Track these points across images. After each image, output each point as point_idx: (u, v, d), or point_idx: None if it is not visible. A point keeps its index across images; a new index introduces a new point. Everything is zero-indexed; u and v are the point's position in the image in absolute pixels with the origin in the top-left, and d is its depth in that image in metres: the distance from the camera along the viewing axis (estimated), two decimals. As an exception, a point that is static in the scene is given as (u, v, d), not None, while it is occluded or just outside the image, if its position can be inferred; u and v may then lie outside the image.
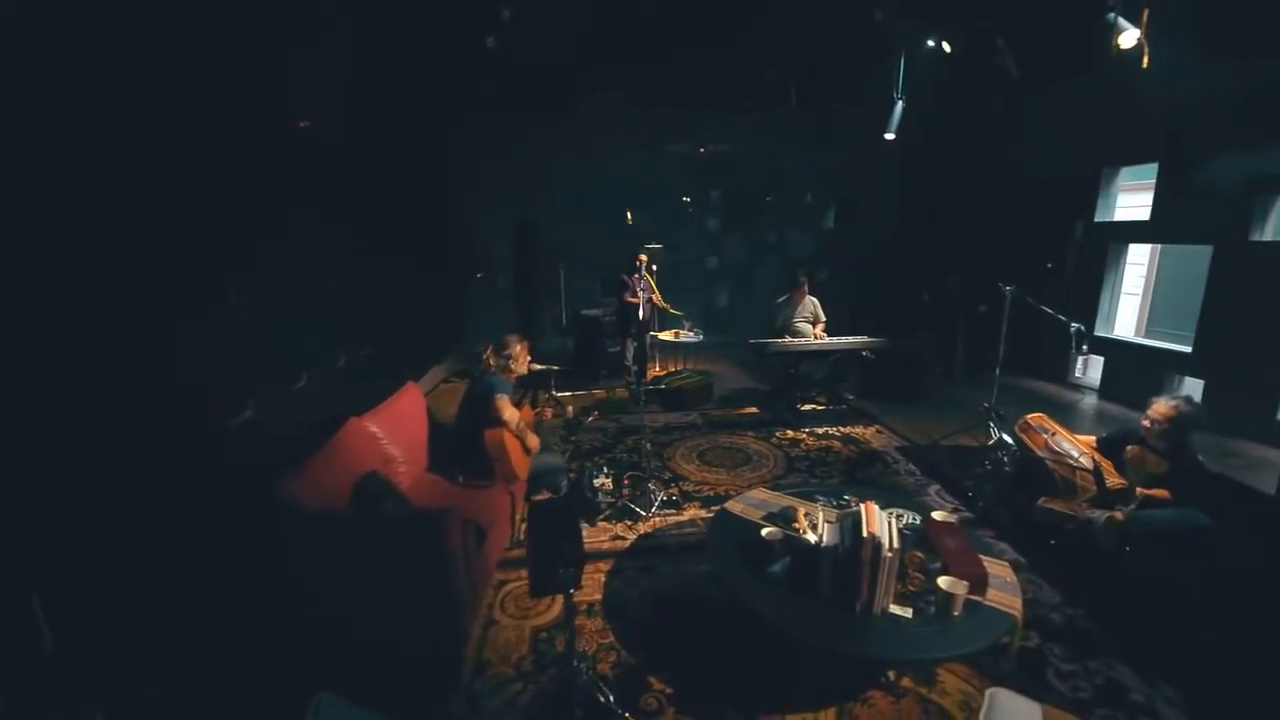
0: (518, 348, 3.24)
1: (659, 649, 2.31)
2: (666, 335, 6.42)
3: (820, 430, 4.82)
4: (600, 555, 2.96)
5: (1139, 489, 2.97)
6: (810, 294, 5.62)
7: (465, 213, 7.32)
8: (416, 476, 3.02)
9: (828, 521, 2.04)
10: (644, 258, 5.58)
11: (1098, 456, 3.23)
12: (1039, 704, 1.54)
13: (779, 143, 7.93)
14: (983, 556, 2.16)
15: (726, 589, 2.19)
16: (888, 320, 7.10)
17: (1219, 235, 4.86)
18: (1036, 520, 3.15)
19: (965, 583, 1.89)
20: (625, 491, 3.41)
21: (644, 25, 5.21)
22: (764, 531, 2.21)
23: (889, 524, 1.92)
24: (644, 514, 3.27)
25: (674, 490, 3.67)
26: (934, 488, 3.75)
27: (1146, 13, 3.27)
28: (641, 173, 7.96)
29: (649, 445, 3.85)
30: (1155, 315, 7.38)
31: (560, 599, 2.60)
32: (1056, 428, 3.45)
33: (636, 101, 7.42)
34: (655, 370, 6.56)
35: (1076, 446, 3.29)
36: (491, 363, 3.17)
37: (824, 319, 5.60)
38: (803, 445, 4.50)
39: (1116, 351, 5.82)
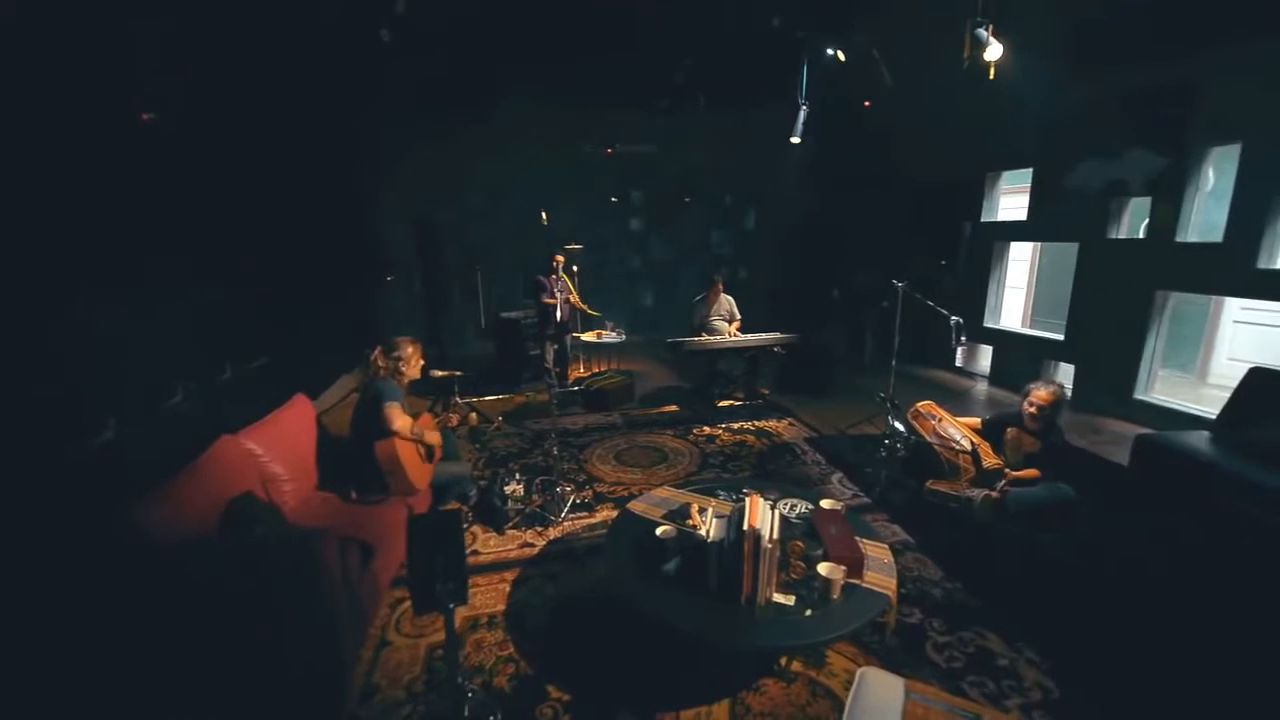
0: (409, 349, 3.09)
1: (559, 657, 2.27)
2: (589, 336, 6.37)
3: (736, 425, 4.94)
4: (507, 564, 2.89)
5: (1009, 471, 3.21)
6: (726, 293, 5.75)
7: (377, 214, 6.99)
8: (305, 495, 2.83)
9: (716, 517, 2.07)
10: (560, 259, 5.52)
11: (978, 439, 3.48)
12: (902, 679, 1.63)
13: (695, 144, 8.08)
14: (864, 540, 2.27)
15: (618, 591, 2.18)
16: (803, 317, 7.40)
17: (1083, 234, 5.37)
18: (925, 502, 3.36)
19: (843, 567, 1.98)
20: (536, 497, 3.34)
21: (549, 26, 5.16)
22: (658, 531, 2.22)
23: (771, 516, 1.97)
24: (554, 519, 3.21)
25: (588, 493, 3.65)
26: (837, 476, 3.92)
27: (991, 28, 3.55)
28: (562, 173, 7.89)
29: (556, 450, 3.80)
30: (1039, 307, 8.07)
31: (459, 613, 2.53)
32: (943, 414, 3.69)
33: (553, 101, 7.37)
34: (579, 372, 6.52)
35: (960, 430, 3.52)
36: (380, 365, 3.01)
37: (739, 317, 5.74)
38: (718, 441, 4.59)
39: (1003, 341, 6.33)
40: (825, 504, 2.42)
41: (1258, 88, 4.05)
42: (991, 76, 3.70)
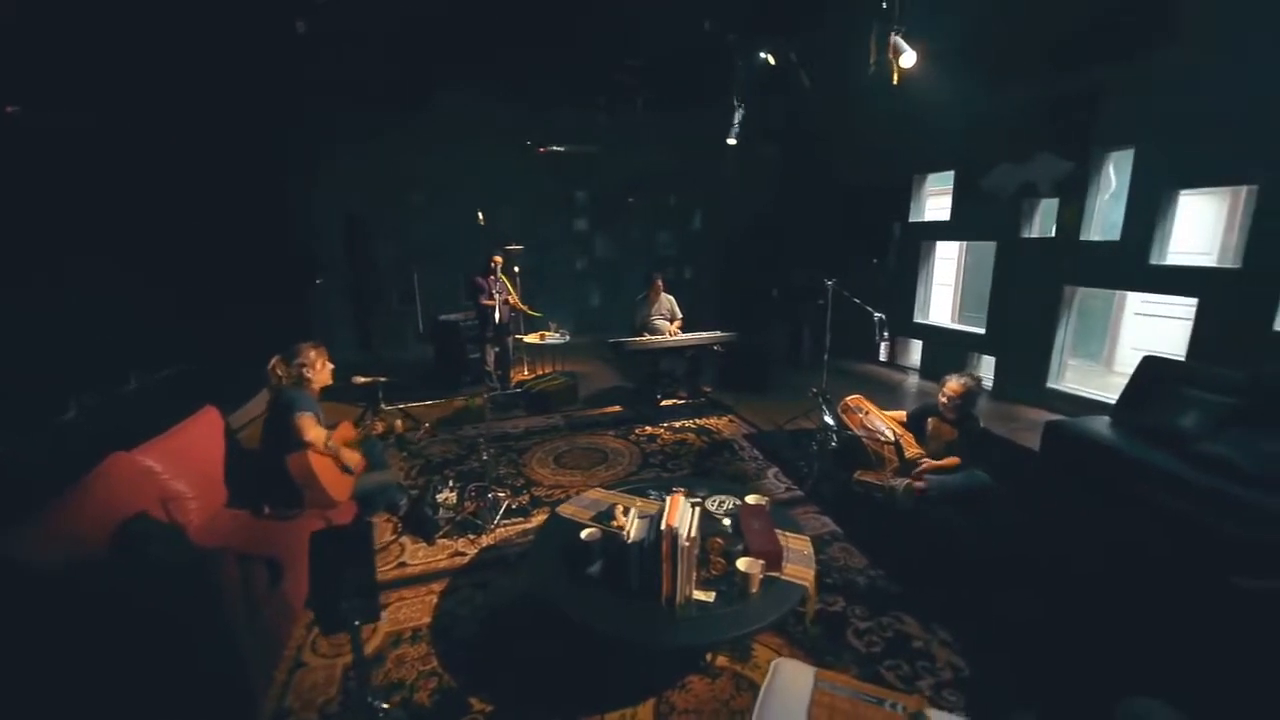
0: (312, 355, 2.95)
1: (485, 667, 2.22)
2: (532, 338, 6.29)
3: (678, 424, 4.97)
4: (436, 575, 2.81)
5: (925, 461, 3.36)
6: (667, 292, 5.79)
7: (309, 213, 6.68)
8: (212, 513, 2.67)
9: (640, 517, 2.07)
10: (499, 259, 5.41)
11: (901, 430, 3.62)
12: (813, 668, 1.67)
13: (638, 145, 8.11)
14: (786, 533, 2.32)
15: (543, 596, 2.15)
16: (746, 316, 7.54)
17: (1000, 233, 5.69)
18: (854, 492, 3.47)
19: (762, 561, 2.01)
20: (469, 504, 3.26)
21: (483, 21, 5.06)
22: (583, 533, 2.20)
23: (691, 514, 1.99)
24: (487, 526, 3.14)
25: (525, 497, 3.59)
26: (773, 471, 4.00)
27: (892, 35, 3.72)
28: (504, 172, 7.75)
29: (485, 455, 3.72)
30: (966, 303, 8.50)
31: (380, 628, 2.44)
32: (870, 407, 3.83)
33: (494, 99, 7.24)
34: (523, 374, 6.42)
35: (885, 422, 3.66)
36: (280, 373, 2.87)
37: (680, 316, 5.79)
38: (659, 440, 4.61)
39: (932, 336, 6.63)
40: (750, 499, 2.46)
41: (1147, 97, 4.39)
42: (896, 81, 3.86)
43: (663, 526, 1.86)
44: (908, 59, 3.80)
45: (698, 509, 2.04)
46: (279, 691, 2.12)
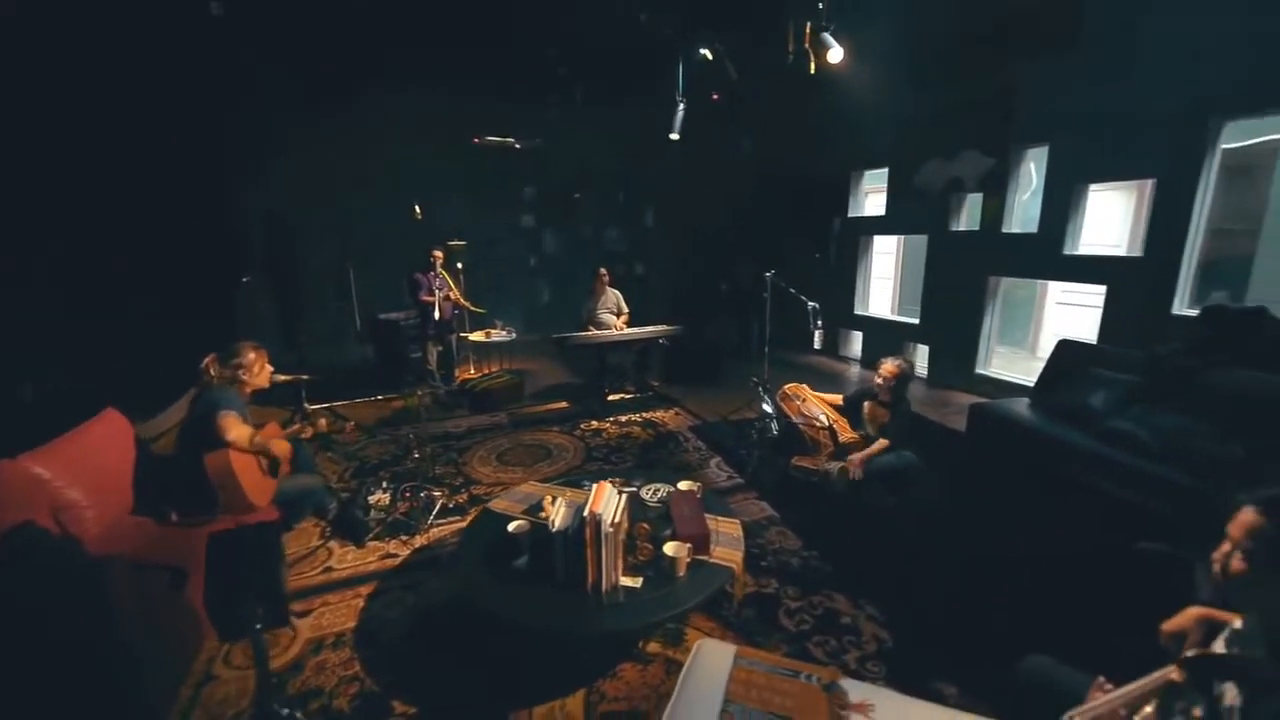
0: (251, 355, 2.82)
1: (411, 670, 2.15)
2: (477, 336, 6.16)
3: (624, 418, 4.96)
4: (364, 579, 2.70)
5: (857, 456, 3.45)
6: (613, 286, 5.77)
7: (236, 209, 6.33)
8: (113, 521, 2.48)
9: (566, 506, 2.04)
10: (439, 254, 5.28)
11: (835, 416, 3.72)
12: (734, 647, 1.68)
13: (583, 140, 8.05)
14: (717, 518, 2.34)
15: (469, 593, 2.09)
16: (696, 310, 7.61)
17: (930, 227, 5.92)
18: (792, 478, 3.55)
19: (689, 545, 2.02)
20: (402, 505, 3.16)
21: (418, 11, 4.92)
22: (510, 526, 2.16)
23: (617, 501, 1.97)
24: (421, 526, 3.05)
25: (463, 496, 3.50)
26: (715, 460, 4.04)
27: (809, 26, 3.83)
28: (446, 168, 7.55)
29: (416, 453, 3.61)
30: (905, 295, 8.83)
31: (301, 634, 2.33)
32: (807, 394, 3.91)
33: (432, 92, 7.05)
34: (468, 373, 6.27)
35: (821, 409, 3.76)
36: (213, 373, 2.72)
37: (627, 310, 5.79)
38: (605, 434, 4.59)
39: (872, 327, 6.86)
40: (682, 485, 2.47)
41: (1056, 97, 4.65)
42: (813, 71, 3.96)
43: (585, 514, 1.84)
44: (835, 55, 3.91)
45: (624, 495, 2.03)
46: (184, 707, 2.00)
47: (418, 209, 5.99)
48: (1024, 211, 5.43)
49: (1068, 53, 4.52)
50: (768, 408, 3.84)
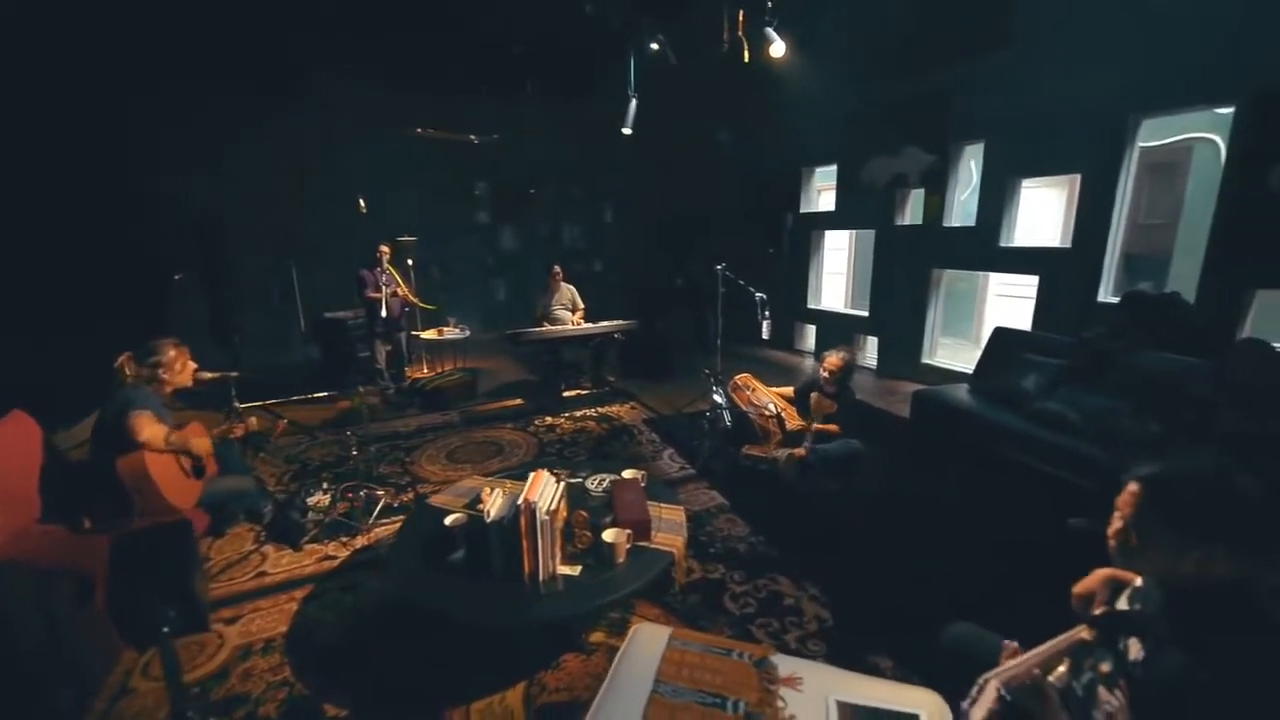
0: (171, 353, 2.68)
1: (344, 672, 2.07)
2: (429, 334, 6.02)
3: (579, 413, 4.93)
4: (299, 582, 2.60)
5: (815, 425, 3.53)
6: (567, 282, 5.73)
7: (169, 206, 5.99)
8: (20, 529, 2.31)
9: (504, 497, 2.00)
10: (386, 249, 5.12)
11: (784, 405, 3.78)
12: (670, 629, 1.68)
13: (537, 135, 7.97)
14: (660, 504, 2.34)
15: (404, 590, 2.03)
16: (655, 304, 7.62)
17: (877, 222, 6.09)
18: (743, 466, 3.58)
19: (628, 531, 2.01)
20: (342, 505, 3.05)
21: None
22: (447, 519, 2.10)
23: (555, 489, 1.95)
24: (362, 527, 2.95)
25: (409, 494, 3.41)
26: (668, 452, 4.05)
27: (742, 14, 3.88)
28: (395, 162, 7.34)
29: (355, 451, 3.49)
30: (857, 289, 9.07)
31: (229, 642, 2.22)
32: (756, 384, 3.97)
33: (378, 83, 6.86)
34: (422, 372, 6.12)
35: (770, 399, 3.81)
36: (129, 372, 2.58)
37: (582, 306, 5.75)
38: (559, 430, 4.54)
39: (825, 320, 7.00)
40: (626, 474, 2.46)
41: (991, 95, 4.84)
42: (746, 60, 4.01)
43: (520, 502, 1.80)
44: (777, 49, 3.97)
45: (562, 484, 2.00)
46: (95, 722, 1.88)
47: (362, 202, 5.81)
48: (962, 205, 5.64)
49: (1001, 53, 4.71)
50: (719, 398, 3.87)
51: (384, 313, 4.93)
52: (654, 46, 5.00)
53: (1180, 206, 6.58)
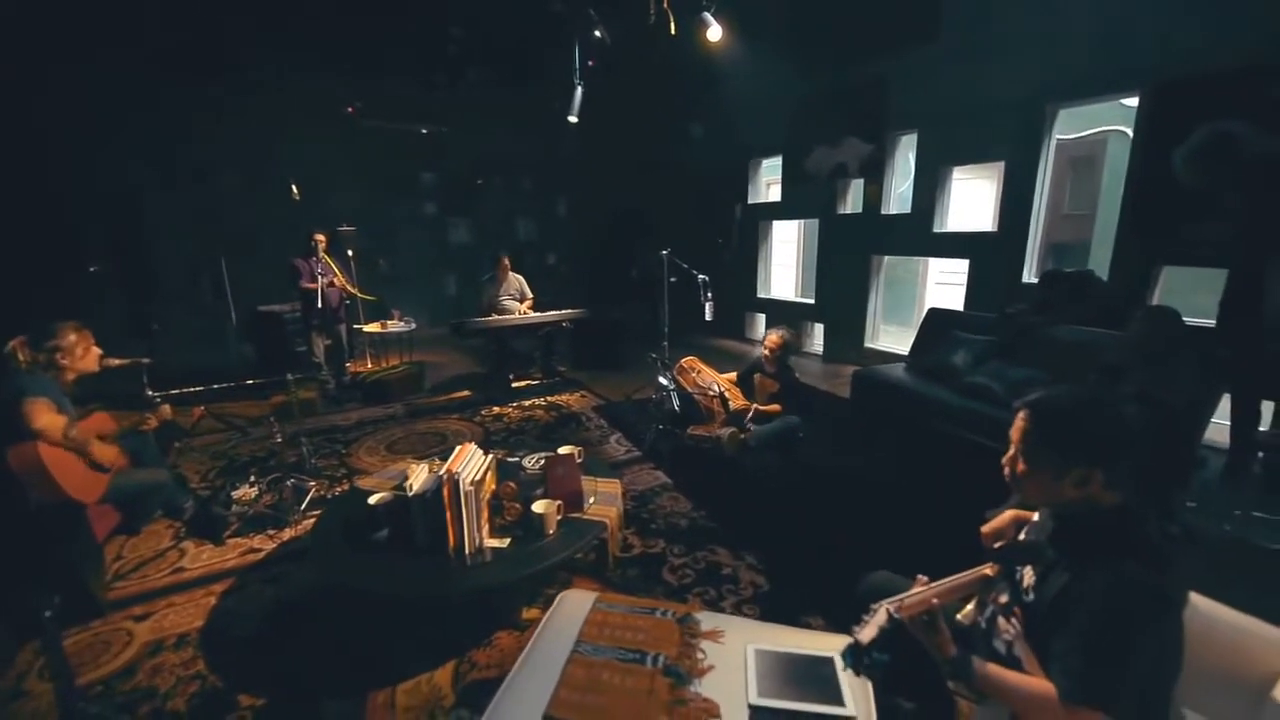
0: (71, 337, 2.50)
1: (263, 662, 1.98)
2: (372, 327, 5.82)
3: (528, 403, 4.87)
4: (219, 576, 2.46)
5: (757, 406, 3.59)
6: (514, 271, 5.65)
7: (86, 195, 5.61)
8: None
9: (427, 472, 1.95)
10: (321, 238, 4.92)
11: (728, 385, 3.83)
12: (595, 594, 1.67)
13: (483, 125, 7.84)
14: (597, 479, 2.34)
15: (326, 572, 1.96)
16: (609, 296, 7.60)
17: (820, 211, 6.24)
18: (688, 446, 3.61)
19: (558, 502, 1.99)
20: (268, 497, 2.92)
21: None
22: (371, 498, 2.03)
23: (482, 461, 1.91)
24: (290, 518, 2.83)
25: (343, 485, 3.29)
26: (615, 436, 4.05)
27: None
28: (336, 152, 7.08)
29: (278, 438, 3.35)
30: (806, 278, 9.28)
31: (139, 638, 2.09)
32: (702, 367, 4.01)
33: (315, 70, 6.59)
34: (365, 366, 5.92)
35: (714, 380, 3.85)
36: (22, 357, 2.39)
37: (531, 296, 5.68)
38: (506, 419, 4.47)
39: (774, 308, 7.13)
40: (562, 450, 2.44)
41: (923, 87, 5.03)
42: (674, 32, 4.04)
43: (443, 474, 1.76)
44: (714, 33, 4.01)
45: (490, 456, 1.97)
46: (-20, 731, 1.73)
47: (295, 188, 5.57)
48: (899, 193, 5.84)
49: (931, 46, 4.90)
50: (664, 380, 3.89)
51: (320, 304, 4.74)
52: (596, 34, 4.97)
53: (1098, 197, 7.00)
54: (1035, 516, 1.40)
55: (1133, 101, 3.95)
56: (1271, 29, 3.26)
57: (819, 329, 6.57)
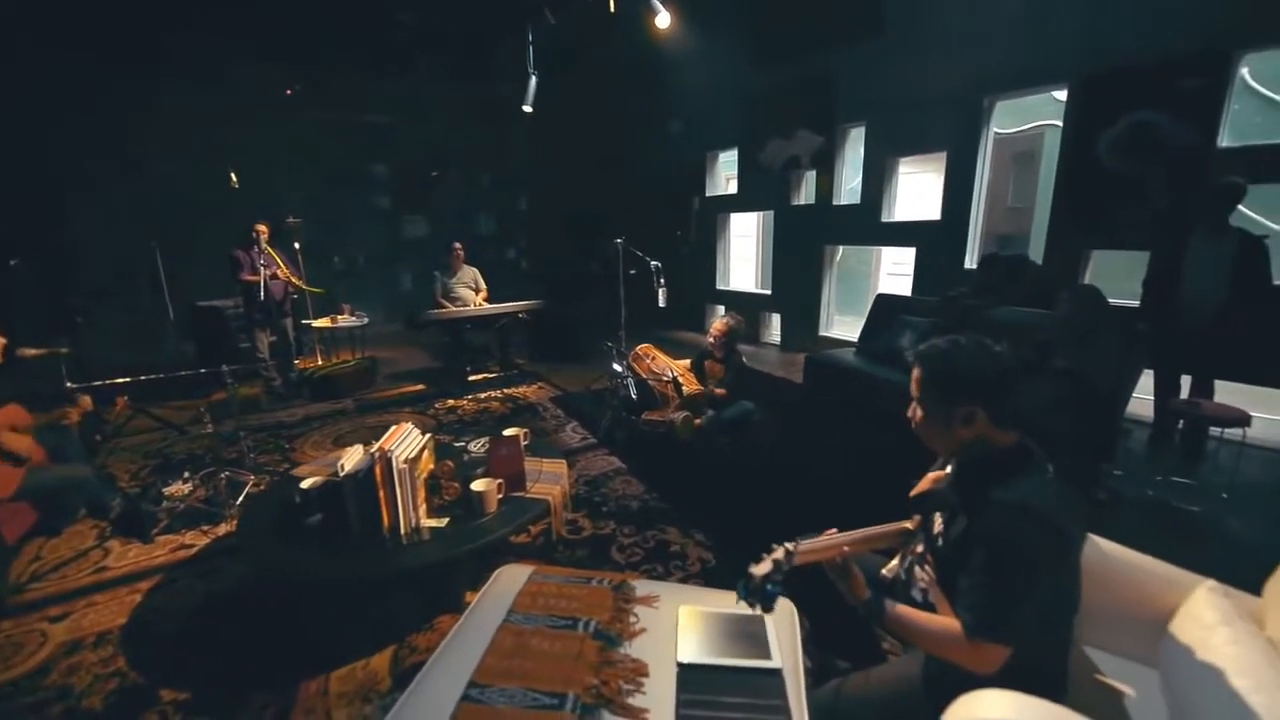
0: (-25, 327, 2.35)
1: (188, 657, 1.90)
2: (322, 322, 5.64)
3: (484, 395, 4.80)
4: (146, 573, 2.35)
5: (718, 390, 3.63)
6: (468, 263, 5.56)
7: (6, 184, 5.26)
8: None
9: (362, 453, 1.90)
10: (263, 228, 4.73)
11: (682, 370, 3.86)
12: (533, 567, 1.65)
13: (437, 116, 7.69)
14: (542, 459, 2.32)
15: (256, 561, 1.89)
16: (570, 290, 7.56)
17: (775, 203, 6.34)
18: (643, 432, 3.62)
19: (499, 481, 1.97)
20: (201, 491, 2.80)
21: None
22: (303, 483, 1.97)
23: (419, 440, 1.87)
24: (225, 513, 2.72)
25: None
26: (571, 425, 4.03)
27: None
28: (282, 142, 6.83)
29: (208, 428, 3.20)
30: (766, 271, 9.42)
31: (55, 638, 1.98)
32: (656, 354, 4.02)
33: (258, 58, 6.35)
34: (317, 362, 5.72)
35: (668, 366, 3.87)
36: (-83, 350, 2.24)
37: (485, 287, 5.60)
38: (460, 411, 4.40)
39: (733, 300, 7.21)
40: (507, 432, 2.41)
41: (870, 80, 5.16)
42: (613, 10, 4.06)
43: (374, 451, 1.72)
44: (663, 20, 4.03)
45: (428, 436, 1.93)
46: None
47: (234, 176, 5.35)
48: (850, 184, 5.98)
49: (877, 40, 5.03)
50: (618, 367, 3.89)
51: (262, 297, 4.56)
52: (548, 18, 4.93)
53: (1036, 189, 7.31)
54: (949, 469, 1.45)
55: (1063, 95, 4.14)
56: (1183, 24, 3.46)
57: (776, 319, 6.68)
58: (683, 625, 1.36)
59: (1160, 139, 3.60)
